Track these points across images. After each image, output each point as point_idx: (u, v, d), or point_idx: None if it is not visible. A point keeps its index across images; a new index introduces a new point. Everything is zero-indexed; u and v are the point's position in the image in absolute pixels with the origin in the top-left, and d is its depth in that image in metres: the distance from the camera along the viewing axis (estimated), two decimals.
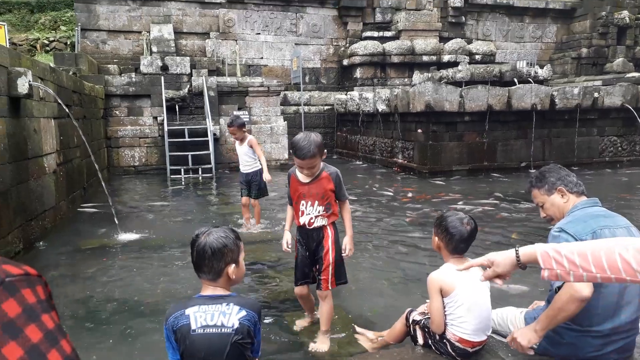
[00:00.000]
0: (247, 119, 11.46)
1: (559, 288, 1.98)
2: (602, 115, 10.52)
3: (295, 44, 15.61)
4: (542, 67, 12.03)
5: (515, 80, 10.88)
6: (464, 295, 2.28)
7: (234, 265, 1.76)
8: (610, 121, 10.69)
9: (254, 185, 5.77)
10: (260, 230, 5.87)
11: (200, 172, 10.48)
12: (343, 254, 2.92)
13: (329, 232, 2.88)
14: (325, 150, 2.88)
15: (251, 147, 5.66)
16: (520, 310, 2.55)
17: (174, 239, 5.45)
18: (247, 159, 5.74)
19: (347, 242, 2.93)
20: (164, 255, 4.93)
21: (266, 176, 5.60)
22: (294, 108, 13.98)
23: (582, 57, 17.12)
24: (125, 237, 5.56)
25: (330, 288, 2.87)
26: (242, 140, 5.71)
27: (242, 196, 5.92)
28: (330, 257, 2.86)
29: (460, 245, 2.34)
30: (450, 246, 2.35)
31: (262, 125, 11.56)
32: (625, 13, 16.58)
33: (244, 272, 1.86)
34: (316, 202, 2.85)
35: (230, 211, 7.04)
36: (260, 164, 5.73)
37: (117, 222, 5.85)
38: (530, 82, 10.54)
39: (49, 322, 0.61)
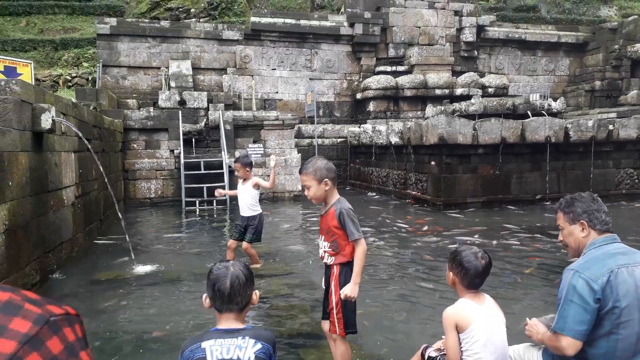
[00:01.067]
0: (262, 152, 11.62)
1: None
2: (617, 147, 10.45)
3: (310, 78, 15.90)
4: (555, 99, 12.05)
5: (529, 113, 10.90)
6: (480, 331, 2.25)
7: (256, 290, 1.85)
8: (626, 153, 10.60)
9: (250, 229, 5.52)
10: (272, 263, 5.87)
11: (214, 204, 10.57)
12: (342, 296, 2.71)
13: (335, 272, 2.77)
14: (327, 180, 2.80)
15: (254, 186, 5.49)
16: (537, 346, 2.50)
17: (188, 271, 5.48)
18: (249, 201, 5.53)
19: (346, 288, 2.69)
20: (178, 288, 4.95)
21: (220, 191, 5.82)
22: (307, 140, 14.14)
23: (596, 90, 17.13)
24: (141, 269, 5.60)
25: (337, 333, 2.76)
26: (245, 179, 5.54)
27: (231, 238, 5.71)
28: (334, 299, 2.76)
29: (475, 280, 2.32)
30: (465, 281, 2.34)
31: (277, 157, 11.69)
32: (638, 46, 16.64)
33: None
34: (323, 237, 2.83)
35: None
36: (255, 209, 5.56)
37: (132, 254, 5.91)
38: (543, 115, 10.56)
39: (86, 358, 0.65)
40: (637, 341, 1.98)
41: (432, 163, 10.04)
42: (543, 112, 11.07)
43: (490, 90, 15.60)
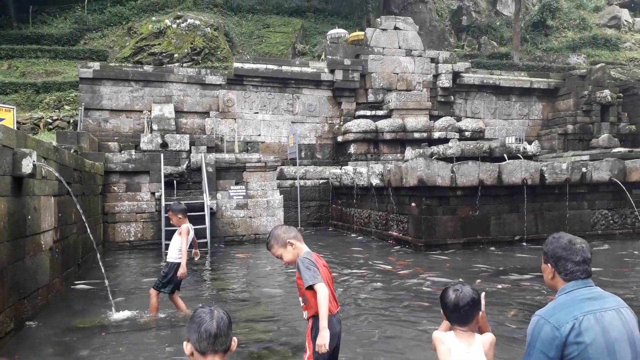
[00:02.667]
0: (244, 194, 11.63)
1: None
2: (591, 189, 10.76)
3: (292, 122, 16.17)
4: (530, 142, 12.45)
5: (505, 155, 11.21)
6: None
7: (235, 337, 1.84)
8: (599, 195, 10.90)
9: (162, 274, 5.38)
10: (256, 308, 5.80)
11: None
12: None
13: (309, 325, 2.81)
14: (289, 241, 2.88)
15: (179, 235, 5.34)
16: None
17: (167, 317, 5.38)
18: (173, 249, 5.39)
19: (318, 339, 2.60)
20: (157, 334, 4.85)
21: (181, 270, 5.18)
22: (290, 182, 14.23)
23: (569, 133, 17.74)
24: (119, 315, 5.48)
25: None
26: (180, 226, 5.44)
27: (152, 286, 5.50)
28: (307, 355, 2.73)
29: (452, 315, 2.34)
30: (446, 316, 2.38)
31: (259, 199, 11.71)
32: (606, 92, 17.41)
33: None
34: (298, 292, 2.88)
35: (225, 287, 6.98)
36: (172, 256, 5.35)
37: (111, 299, 5.79)
38: (519, 158, 10.87)
39: None
40: None
41: (413, 204, 10.18)
42: (519, 155, 11.40)
43: (467, 133, 16.03)
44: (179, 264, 5.27)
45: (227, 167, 11.79)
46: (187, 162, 12.08)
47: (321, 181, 14.66)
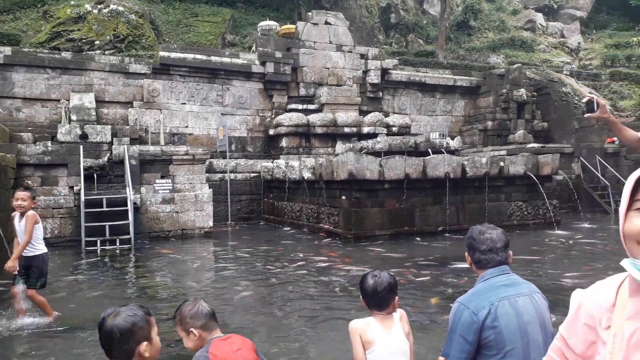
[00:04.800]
0: (170, 187, 11.26)
1: None
2: (508, 182, 11.45)
3: (222, 114, 15.84)
4: (453, 138, 13.03)
5: (430, 150, 11.66)
6: (382, 356, 2.34)
7: (145, 343, 1.70)
8: (515, 187, 11.63)
9: (34, 272, 4.82)
10: None
11: (118, 243, 9.99)
12: None
13: None
14: (193, 331, 2.22)
15: (32, 220, 4.72)
16: None
17: (89, 318, 5.09)
18: (35, 239, 4.83)
19: None
20: (76, 336, 4.58)
21: (9, 263, 4.63)
22: (219, 175, 13.95)
23: (488, 129, 18.73)
24: (33, 320, 5.11)
25: None
26: (22, 214, 4.76)
27: (14, 284, 4.88)
28: None
29: (372, 300, 2.43)
30: (366, 302, 2.45)
31: (187, 193, 11.38)
32: (522, 91, 18.54)
33: (159, 348, 1.80)
34: None
35: (151, 284, 6.73)
36: (36, 248, 4.83)
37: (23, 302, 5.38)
38: (443, 152, 11.34)
39: None
40: None
41: (343, 197, 10.33)
42: (442, 149, 11.90)
43: (394, 129, 16.48)
44: (45, 253, 4.92)
45: (152, 159, 11.34)
46: (108, 154, 11.50)
47: (252, 175, 14.50)
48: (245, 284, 6.65)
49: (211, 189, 11.89)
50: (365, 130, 16.00)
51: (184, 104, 15.46)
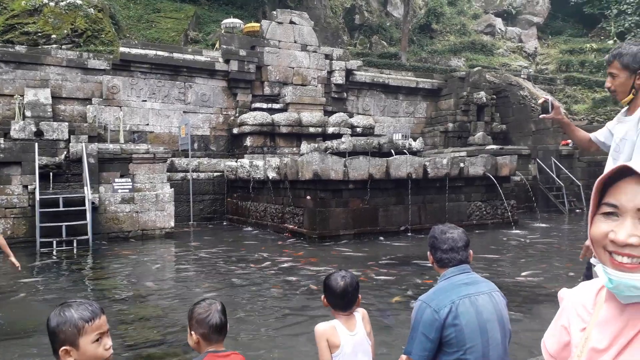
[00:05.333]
0: (130, 187, 10.99)
1: None
2: (468, 182, 11.73)
3: (184, 111, 15.57)
4: (415, 139, 13.25)
5: (392, 151, 11.82)
6: (347, 356, 2.35)
7: (65, 347, 1.57)
8: (475, 188, 11.93)
9: None
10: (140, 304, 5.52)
11: (75, 244, 9.66)
12: None
13: None
14: (193, 332, 2.16)
15: None
16: None
17: (42, 322, 4.91)
18: None
19: None
20: (26, 342, 4.41)
21: (14, 260, 4.64)
22: (182, 174, 13.71)
23: (449, 131, 19.15)
24: None
25: None
26: None
27: None
28: None
29: (339, 301, 2.43)
30: (331, 303, 2.45)
31: (147, 192, 11.13)
32: (482, 93, 19.04)
33: (98, 357, 1.62)
34: None
35: (109, 286, 6.55)
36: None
37: None
38: (405, 153, 11.52)
39: None
40: None
41: (308, 197, 10.34)
42: (405, 150, 12.08)
43: (358, 129, 16.62)
44: None
45: (112, 158, 11.03)
46: (65, 152, 11.11)
47: (216, 174, 14.32)
48: (207, 285, 6.56)
49: (173, 189, 11.67)
50: (330, 130, 16.06)
51: (145, 101, 15.12)
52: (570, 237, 11.22)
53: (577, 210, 15.64)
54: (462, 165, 11.44)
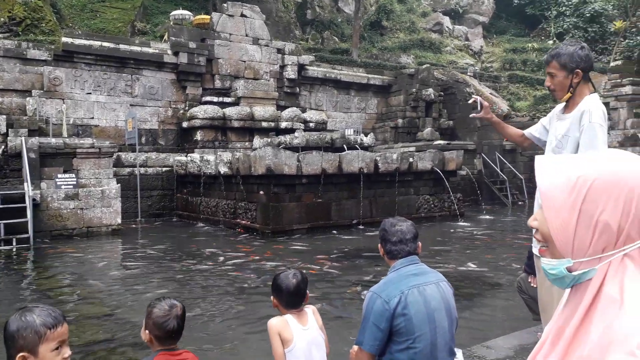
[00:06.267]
0: (74, 182, 10.56)
1: None
2: (417, 177, 12.04)
3: (131, 104, 15.08)
4: (366, 135, 13.44)
5: (345, 146, 11.95)
6: (300, 353, 2.38)
7: (22, 354, 1.50)
8: (423, 182, 12.26)
9: None
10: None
11: (14, 243, 9.19)
12: None
13: None
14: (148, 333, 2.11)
15: None
16: None
17: None
18: None
19: None
20: None
21: None
22: (128, 170, 13.29)
23: (399, 127, 19.53)
24: None
25: None
26: None
27: None
28: None
29: (290, 299, 2.45)
30: (283, 302, 2.46)
31: (92, 188, 10.73)
32: (430, 90, 19.53)
33: None
34: None
35: (52, 286, 6.29)
36: None
37: None
38: (357, 148, 11.68)
39: None
40: (432, 351, 2.24)
41: (261, 192, 10.30)
42: (357, 146, 12.24)
43: (311, 124, 16.67)
44: None
45: (54, 153, 10.55)
46: (3, 146, 10.53)
47: (165, 169, 13.98)
48: (157, 282, 6.43)
49: (119, 184, 11.31)
50: (283, 125, 16.02)
51: (90, 93, 14.54)
52: (513, 228, 11.74)
53: (520, 203, 16.39)
54: (411, 160, 11.72)
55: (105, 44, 14.58)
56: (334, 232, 10.32)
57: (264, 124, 15.78)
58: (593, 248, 0.89)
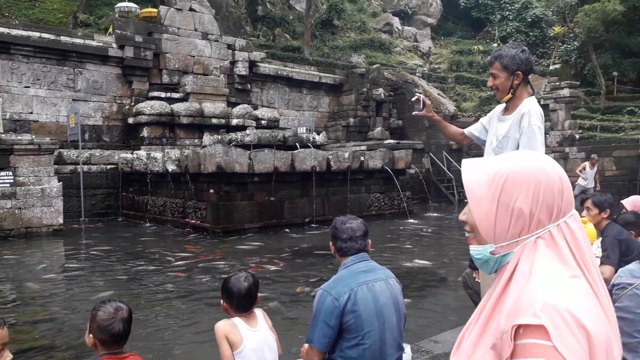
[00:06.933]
0: (12, 181, 10.00)
1: None
2: (368, 175, 12.20)
3: (73, 99, 14.44)
4: (319, 133, 13.49)
5: (297, 144, 11.94)
6: (251, 355, 2.36)
7: None
8: (374, 180, 12.45)
9: None
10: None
11: None
12: None
13: None
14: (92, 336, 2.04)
15: None
16: None
17: None
18: None
19: None
20: None
21: None
22: (71, 167, 12.73)
23: (350, 126, 19.73)
24: None
25: None
26: None
27: None
28: None
29: (242, 302, 2.42)
30: (233, 306, 2.43)
31: (31, 187, 10.19)
32: (381, 90, 19.83)
33: None
34: None
35: None
36: None
37: None
38: (309, 147, 11.70)
39: None
40: (381, 347, 2.28)
41: (211, 191, 10.12)
42: (309, 144, 12.26)
43: (263, 122, 16.54)
44: None
45: None
46: None
47: (109, 166, 13.48)
48: (101, 284, 6.19)
49: (61, 183, 10.81)
50: (234, 122, 15.81)
51: (28, 87, 13.79)
52: (459, 225, 12.11)
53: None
54: (362, 158, 11.87)
55: (45, 35, 13.87)
56: (287, 230, 10.30)
57: (214, 121, 15.51)
58: (511, 233, 1.04)
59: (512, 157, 1.09)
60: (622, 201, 4.50)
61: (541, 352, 0.90)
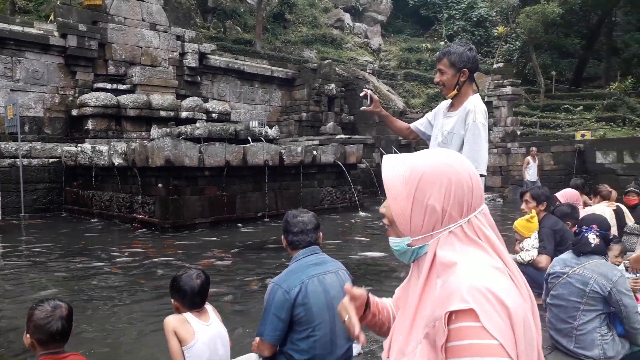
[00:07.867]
0: None
1: None
2: (320, 170, 12.29)
3: (11, 89, 13.69)
4: (271, 127, 13.44)
5: (249, 138, 11.86)
6: (203, 349, 2.36)
7: None
8: (326, 174, 12.56)
9: None
10: None
11: None
12: None
13: None
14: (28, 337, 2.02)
15: None
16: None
17: None
18: None
19: None
20: None
21: None
22: (9, 161, 12.09)
23: (303, 120, 19.77)
24: None
25: None
26: None
27: None
28: None
29: (195, 299, 2.41)
30: (186, 304, 2.41)
31: None
32: (332, 85, 19.97)
33: None
34: None
35: None
36: None
37: None
38: (262, 141, 11.64)
39: None
40: (332, 339, 2.34)
41: (160, 185, 9.89)
42: (261, 138, 12.20)
43: (214, 115, 16.29)
44: None
45: None
46: None
47: (52, 160, 12.89)
48: (43, 283, 5.95)
49: None
50: (184, 115, 15.48)
51: None
52: None
53: None
54: (315, 153, 11.94)
55: None
56: (239, 225, 10.22)
57: (163, 114, 15.13)
58: (425, 227, 1.12)
59: (427, 156, 1.16)
60: (555, 194, 4.79)
61: (473, 333, 0.98)
